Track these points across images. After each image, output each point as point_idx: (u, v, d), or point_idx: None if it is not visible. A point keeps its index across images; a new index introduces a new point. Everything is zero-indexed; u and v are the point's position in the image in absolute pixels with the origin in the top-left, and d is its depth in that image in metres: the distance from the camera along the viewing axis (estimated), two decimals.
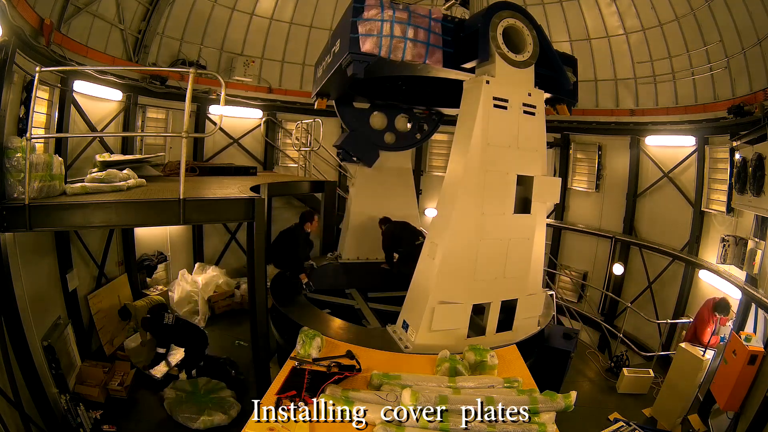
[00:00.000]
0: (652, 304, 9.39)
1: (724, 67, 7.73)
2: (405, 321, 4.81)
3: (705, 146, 8.39)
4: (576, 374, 7.09)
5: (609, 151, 10.53)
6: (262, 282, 5.06)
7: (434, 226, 5.00)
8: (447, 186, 4.83)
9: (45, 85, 6.35)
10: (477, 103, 4.48)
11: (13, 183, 3.90)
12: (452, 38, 4.76)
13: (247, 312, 8.07)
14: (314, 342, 3.81)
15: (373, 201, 7.89)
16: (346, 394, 3.08)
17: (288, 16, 10.50)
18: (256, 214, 4.65)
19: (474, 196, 4.51)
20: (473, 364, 3.67)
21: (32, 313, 5.03)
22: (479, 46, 4.46)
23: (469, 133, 4.50)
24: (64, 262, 6.44)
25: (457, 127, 4.83)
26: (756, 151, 6.37)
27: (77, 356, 6.41)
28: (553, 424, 2.99)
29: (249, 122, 10.97)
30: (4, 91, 4.82)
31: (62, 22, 6.53)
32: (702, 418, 6.22)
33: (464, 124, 4.70)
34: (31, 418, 4.82)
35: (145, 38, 8.57)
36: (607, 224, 10.59)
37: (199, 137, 10.30)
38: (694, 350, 6.12)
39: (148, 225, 7.88)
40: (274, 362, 5.90)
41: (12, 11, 5.10)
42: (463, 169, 4.54)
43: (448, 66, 4.75)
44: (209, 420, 5.55)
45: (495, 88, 4.51)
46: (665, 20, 8.47)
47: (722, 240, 7.31)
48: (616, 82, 9.92)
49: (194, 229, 10.38)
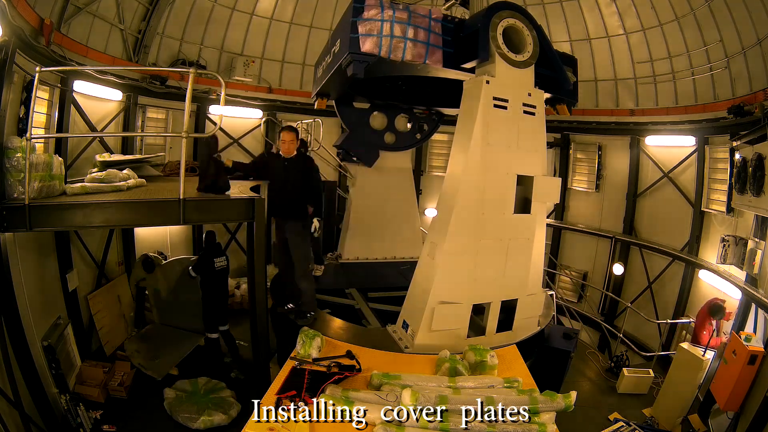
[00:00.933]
0: (652, 304, 9.39)
1: (724, 67, 7.73)
2: (405, 321, 4.81)
3: (705, 146, 8.39)
4: (576, 374, 7.08)
5: (609, 151, 10.53)
6: (262, 282, 5.06)
7: (434, 226, 5.00)
8: (447, 186, 4.83)
9: (45, 85, 6.34)
10: (477, 103, 4.48)
11: (13, 183, 3.89)
12: (452, 38, 4.77)
13: (247, 312, 8.07)
14: (314, 342, 3.81)
15: (373, 201, 7.89)
16: (346, 394, 3.08)
17: (288, 16, 10.50)
18: (256, 214, 4.64)
19: (474, 196, 4.51)
20: (473, 364, 3.67)
21: (32, 313, 5.03)
22: (479, 46, 4.46)
23: (469, 133, 4.50)
24: (64, 262, 6.44)
25: (457, 127, 4.84)
26: (756, 151, 6.36)
27: (77, 356, 6.41)
28: (553, 424, 2.99)
29: (249, 122, 10.97)
30: (4, 91, 4.83)
31: (62, 22, 6.53)
32: (702, 418, 6.22)
33: (464, 124, 4.71)
34: (31, 418, 4.82)
35: (145, 38, 8.57)
36: (607, 224, 10.59)
37: (199, 137, 10.28)
38: (694, 350, 6.12)
39: (148, 225, 7.87)
40: (274, 362, 5.90)
41: (12, 11, 5.09)
42: (463, 169, 4.54)
43: (448, 66, 4.75)
44: (209, 420, 5.55)
45: (495, 88, 4.51)
46: (665, 20, 8.47)
47: (722, 240, 7.31)
48: (616, 82, 9.92)
49: (194, 229, 10.37)
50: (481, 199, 4.52)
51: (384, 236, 8.07)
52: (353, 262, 7.90)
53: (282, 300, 5.65)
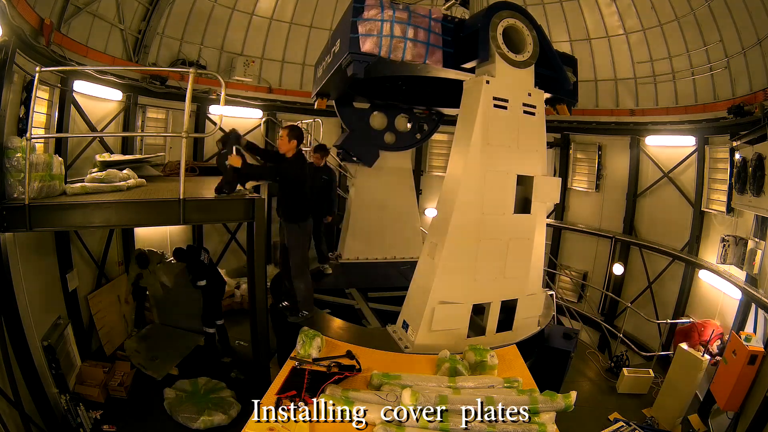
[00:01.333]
0: (652, 304, 9.39)
1: (724, 67, 7.73)
2: (405, 321, 4.81)
3: (705, 146, 8.38)
4: (576, 374, 7.09)
5: (609, 151, 10.53)
6: (262, 282, 5.06)
7: (434, 226, 5.00)
8: (447, 186, 4.83)
9: (45, 85, 6.34)
10: (477, 103, 4.47)
11: (13, 183, 3.90)
12: (452, 38, 4.76)
13: (247, 312, 8.07)
14: (314, 342, 3.81)
15: (373, 201, 7.89)
16: (346, 394, 3.08)
17: (288, 16, 10.50)
18: (256, 214, 4.65)
19: (474, 196, 4.51)
20: (473, 364, 3.67)
21: (32, 313, 5.02)
22: (479, 46, 4.46)
23: (469, 133, 4.50)
24: (64, 262, 6.44)
25: (457, 127, 4.83)
26: (756, 151, 6.37)
27: (77, 356, 6.41)
28: (553, 424, 3.00)
29: (249, 122, 10.96)
30: (4, 91, 4.82)
31: (62, 22, 6.53)
32: (702, 418, 6.23)
33: (464, 124, 4.71)
34: (31, 418, 4.82)
35: (145, 38, 8.57)
36: (607, 224, 10.59)
37: (199, 137, 10.31)
38: (694, 350, 6.12)
39: (148, 225, 7.87)
40: (274, 362, 5.90)
41: (12, 11, 5.09)
42: (463, 169, 4.54)
43: (448, 66, 4.75)
44: (209, 420, 5.55)
45: (495, 88, 4.51)
46: (665, 20, 8.47)
47: (722, 240, 7.31)
48: (616, 82, 9.92)
49: (194, 229, 10.37)
50: (481, 199, 4.52)
51: (384, 236, 8.06)
52: (353, 262, 7.90)
53: (279, 298, 5.68)
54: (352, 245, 7.92)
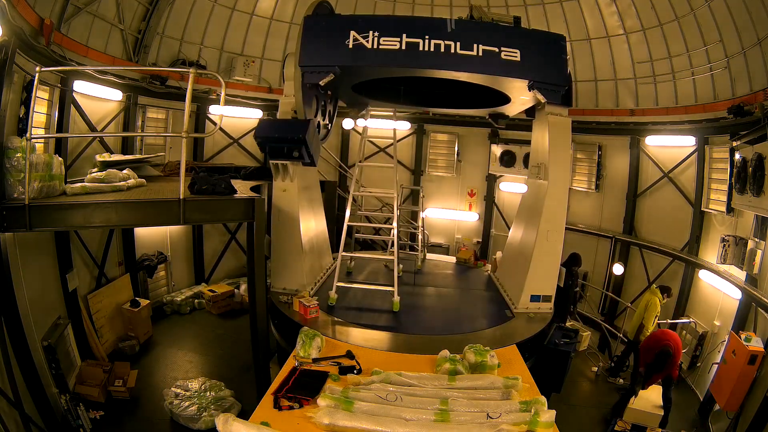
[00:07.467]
0: None
1: (724, 67, 7.72)
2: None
3: (705, 146, 8.37)
4: (576, 374, 7.09)
5: (609, 151, 10.52)
6: (262, 282, 5.06)
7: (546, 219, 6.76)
8: (555, 196, 6.56)
9: (45, 85, 6.34)
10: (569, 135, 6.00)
11: (13, 183, 3.89)
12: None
13: (247, 312, 8.07)
14: (314, 342, 3.81)
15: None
16: (346, 393, 3.08)
17: (288, 16, 10.49)
18: (256, 214, 4.65)
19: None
20: (473, 364, 3.67)
21: (32, 313, 5.03)
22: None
23: (567, 157, 6.13)
24: (64, 262, 6.44)
25: (549, 151, 6.03)
26: (756, 151, 6.36)
27: (77, 356, 6.41)
28: (553, 425, 2.99)
29: (249, 122, 10.96)
30: (4, 91, 4.81)
31: (62, 22, 6.52)
32: (702, 418, 6.22)
33: (557, 151, 6.07)
34: (31, 418, 4.82)
35: (145, 38, 8.56)
36: (607, 224, 10.58)
37: (199, 137, 10.30)
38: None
39: (148, 225, 7.86)
40: (274, 362, 5.89)
41: (12, 11, 5.09)
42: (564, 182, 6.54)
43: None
44: (210, 420, 5.56)
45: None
46: (665, 20, 8.46)
47: (722, 240, 7.30)
48: (616, 82, 9.91)
49: (194, 229, 10.37)
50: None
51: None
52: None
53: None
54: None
